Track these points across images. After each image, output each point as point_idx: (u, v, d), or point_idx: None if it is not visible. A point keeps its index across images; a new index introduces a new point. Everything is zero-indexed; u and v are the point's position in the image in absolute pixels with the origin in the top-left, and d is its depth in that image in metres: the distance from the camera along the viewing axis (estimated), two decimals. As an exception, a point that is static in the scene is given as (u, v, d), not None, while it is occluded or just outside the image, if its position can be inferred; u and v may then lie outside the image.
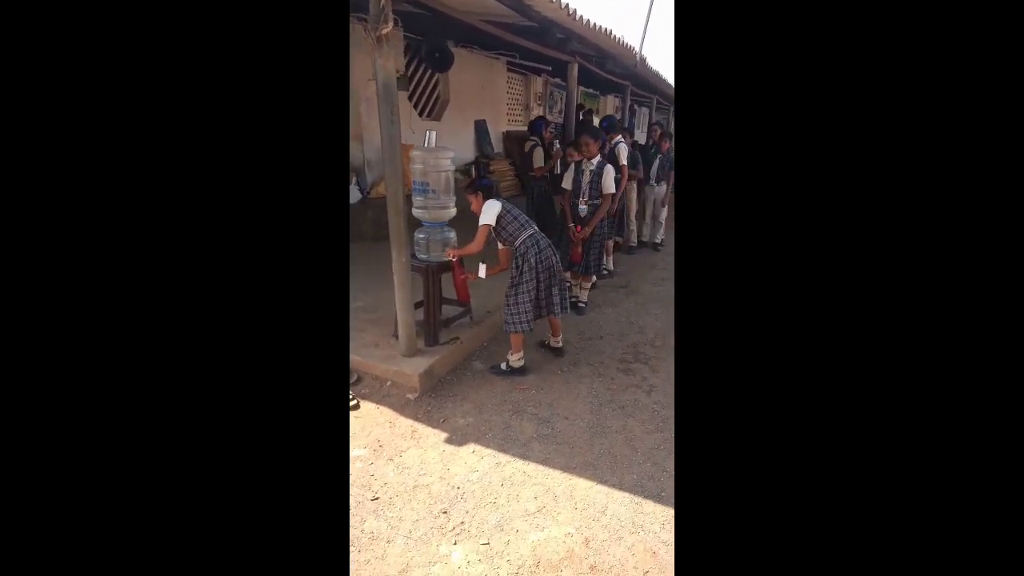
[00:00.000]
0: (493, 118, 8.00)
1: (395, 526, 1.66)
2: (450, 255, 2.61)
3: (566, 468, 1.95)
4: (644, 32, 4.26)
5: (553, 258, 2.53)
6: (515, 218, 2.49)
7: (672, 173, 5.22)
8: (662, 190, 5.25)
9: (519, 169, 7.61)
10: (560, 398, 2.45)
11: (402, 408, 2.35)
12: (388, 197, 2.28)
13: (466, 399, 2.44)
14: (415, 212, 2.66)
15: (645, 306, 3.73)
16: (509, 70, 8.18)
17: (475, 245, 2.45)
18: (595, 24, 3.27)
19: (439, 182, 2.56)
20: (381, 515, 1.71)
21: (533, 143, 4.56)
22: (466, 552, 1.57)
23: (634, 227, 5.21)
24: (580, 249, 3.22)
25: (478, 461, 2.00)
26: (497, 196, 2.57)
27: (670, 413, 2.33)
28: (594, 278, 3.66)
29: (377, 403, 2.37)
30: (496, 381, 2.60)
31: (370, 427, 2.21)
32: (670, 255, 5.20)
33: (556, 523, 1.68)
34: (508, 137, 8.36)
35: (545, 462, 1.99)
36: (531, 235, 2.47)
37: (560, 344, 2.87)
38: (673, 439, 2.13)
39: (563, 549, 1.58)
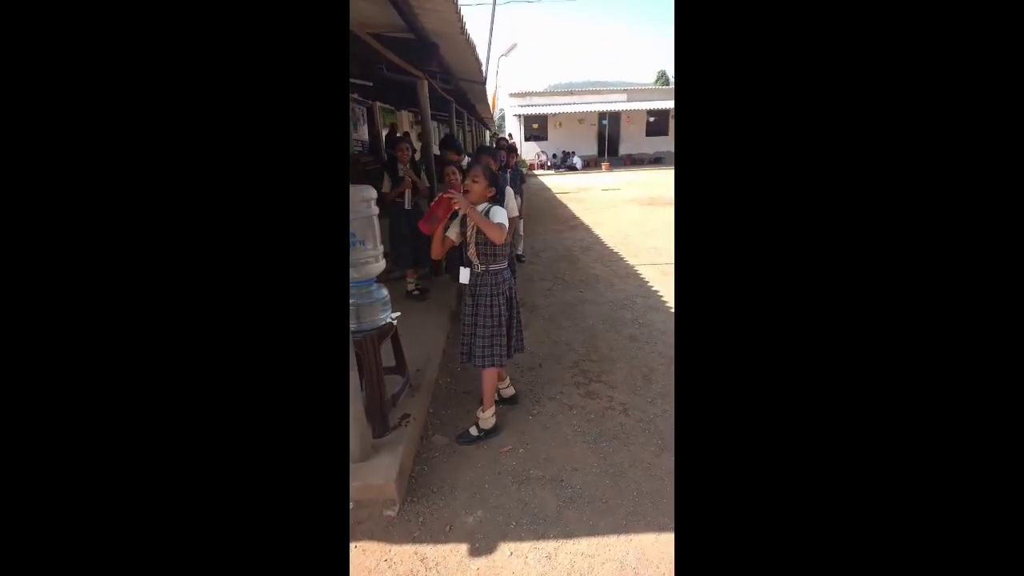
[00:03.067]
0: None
1: None
2: (455, 205, 1.97)
3: (618, 529, 1.76)
4: (489, 46, 4.21)
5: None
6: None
7: (523, 186, 5.39)
8: (518, 203, 5.38)
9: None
10: (552, 448, 2.22)
11: (388, 534, 1.77)
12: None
13: (455, 488, 1.99)
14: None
15: (554, 321, 3.73)
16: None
17: (499, 233, 1.96)
18: (471, 40, 3.07)
19: (363, 228, 1.99)
20: None
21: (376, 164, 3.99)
22: None
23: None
24: None
25: (523, 566, 1.63)
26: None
27: (657, 427, 2.34)
28: None
29: (353, 542, 1.73)
30: (471, 453, 2.21)
31: (359, 580, 1.60)
32: (541, 264, 5.37)
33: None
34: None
35: (592, 531, 1.75)
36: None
37: (512, 390, 2.61)
38: (679, 453, 2.14)
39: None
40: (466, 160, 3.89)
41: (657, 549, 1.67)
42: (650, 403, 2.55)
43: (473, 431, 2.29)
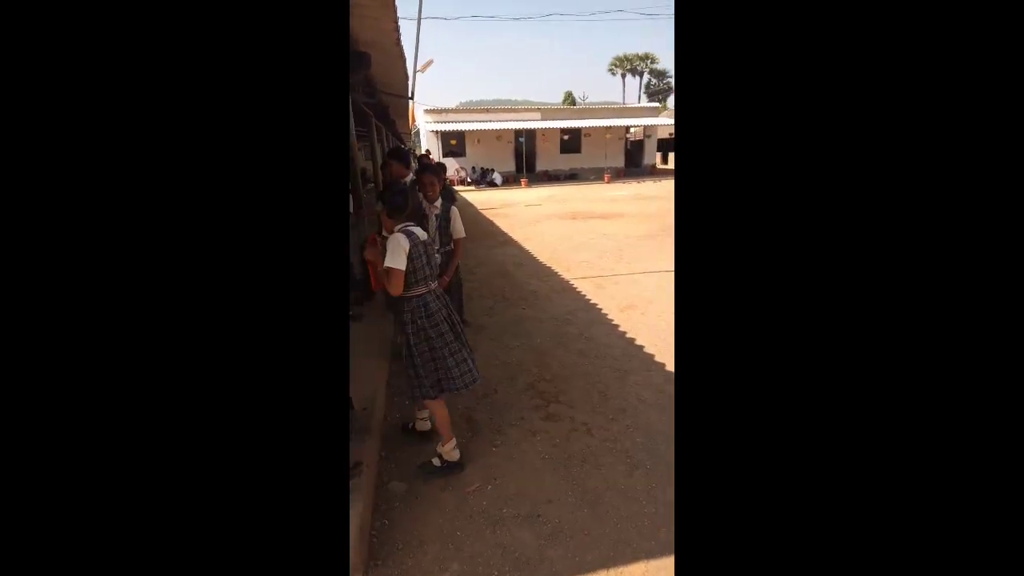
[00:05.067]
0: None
1: None
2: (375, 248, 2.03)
3: (606, 562, 1.67)
4: (415, 60, 4.03)
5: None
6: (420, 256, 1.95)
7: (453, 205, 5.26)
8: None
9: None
10: (522, 480, 2.10)
11: (353, 610, 1.52)
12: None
13: (424, 540, 1.79)
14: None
15: (501, 340, 3.62)
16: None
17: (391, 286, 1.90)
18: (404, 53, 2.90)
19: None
20: None
21: None
22: None
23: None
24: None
25: (514, 619, 1.48)
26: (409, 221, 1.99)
27: (623, 445, 2.31)
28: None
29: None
30: (437, 497, 2.01)
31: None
32: (478, 281, 5.24)
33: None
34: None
35: (580, 569, 1.65)
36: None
37: (429, 425, 2.37)
38: (649, 469, 2.13)
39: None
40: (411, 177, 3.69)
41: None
42: (612, 421, 2.53)
43: (436, 461, 2.10)
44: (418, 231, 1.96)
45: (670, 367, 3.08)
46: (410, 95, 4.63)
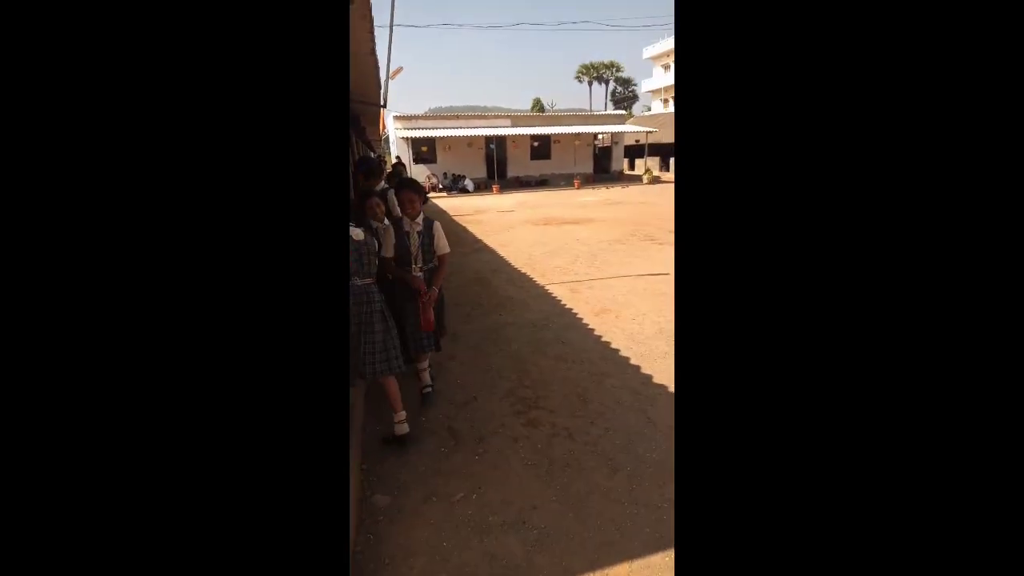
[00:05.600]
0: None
1: None
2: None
3: (592, 565, 1.70)
4: (387, 68, 4.00)
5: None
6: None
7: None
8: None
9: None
10: (507, 488, 2.11)
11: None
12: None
13: (410, 554, 1.77)
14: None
15: (480, 348, 3.63)
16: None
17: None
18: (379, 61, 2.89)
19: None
20: None
21: None
22: None
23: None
24: (431, 315, 2.71)
25: (504, 627, 1.49)
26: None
27: (603, 448, 2.36)
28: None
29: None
30: (421, 510, 2.00)
31: None
32: (455, 289, 5.23)
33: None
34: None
35: (567, 572, 1.68)
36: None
37: (405, 429, 2.40)
38: (630, 471, 2.18)
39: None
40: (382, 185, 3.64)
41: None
42: (591, 424, 2.58)
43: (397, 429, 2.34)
44: (354, 231, 2.25)
45: (645, 369, 3.16)
46: (383, 103, 4.59)
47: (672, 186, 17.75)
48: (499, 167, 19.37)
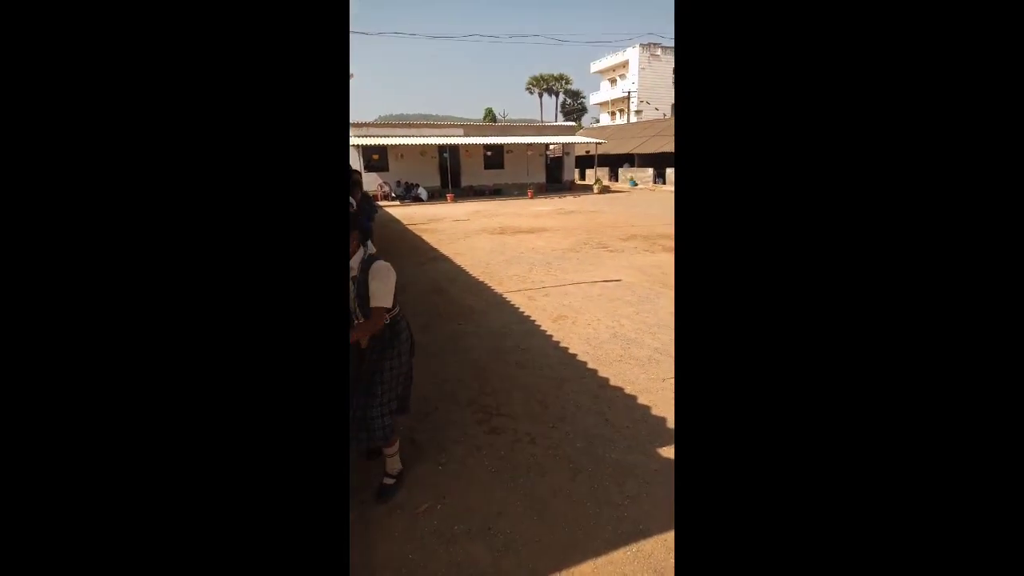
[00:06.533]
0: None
1: None
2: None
3: (559, 565, 1.75)
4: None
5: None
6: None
7: (374, 218, 5.16)
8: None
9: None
10: (471, 496, 2.12)
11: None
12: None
13: (375, 569, 1.74)
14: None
15: (439, 357, 3.61)
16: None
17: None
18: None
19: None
20: None
21: None
22: None
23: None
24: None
25: (474, 635, 1.50)
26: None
27: (565, 451, 2.42)
28: None
29: None
30: (384, 523, 1.97)
31: None
32: (412, 298, 5.17)
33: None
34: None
35: (535, 575, 1.71)
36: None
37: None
38: (591, 472, 2.25)
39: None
40: None
41: (608, 570, 1.71)
42: (552, 428, 2.63)
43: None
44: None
45: (602, 373, 3.27)
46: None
47: (620, 195, 18.18)
48: (453, 176, 19.35)
